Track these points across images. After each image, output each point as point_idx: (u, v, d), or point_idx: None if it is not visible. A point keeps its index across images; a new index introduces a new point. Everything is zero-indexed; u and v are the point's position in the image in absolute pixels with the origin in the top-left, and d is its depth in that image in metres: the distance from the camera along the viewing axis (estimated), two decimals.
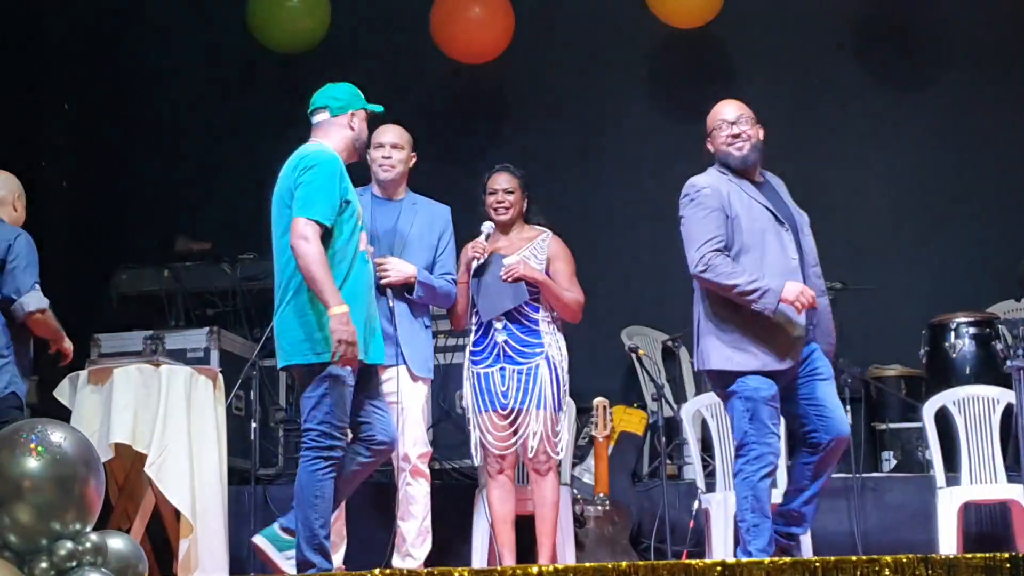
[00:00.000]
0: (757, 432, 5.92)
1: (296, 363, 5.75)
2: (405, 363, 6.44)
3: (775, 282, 5.90)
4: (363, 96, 6.04)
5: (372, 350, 5.82)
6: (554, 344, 6.72)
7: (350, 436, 5.85)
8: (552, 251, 6.82)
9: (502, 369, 6.66)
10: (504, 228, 6.86)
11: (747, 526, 5.92)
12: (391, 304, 6.48)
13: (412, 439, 6.57)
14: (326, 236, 5.68)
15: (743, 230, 6.01)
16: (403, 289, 6.55)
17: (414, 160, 6.80)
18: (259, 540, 5.89)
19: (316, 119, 6.00)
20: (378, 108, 6.10)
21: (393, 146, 6.72)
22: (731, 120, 6.16)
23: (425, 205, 6.80)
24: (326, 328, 5.63)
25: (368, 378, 5.87)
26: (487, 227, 6.79)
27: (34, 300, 6.29)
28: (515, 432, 6.66)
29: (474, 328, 6.79)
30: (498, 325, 6.68)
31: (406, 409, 6.47)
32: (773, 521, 5.96)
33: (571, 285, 6.80)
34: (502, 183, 6.85)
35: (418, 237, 6.69)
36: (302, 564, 5.68)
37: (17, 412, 6.24)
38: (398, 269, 6.54)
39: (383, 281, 6.47)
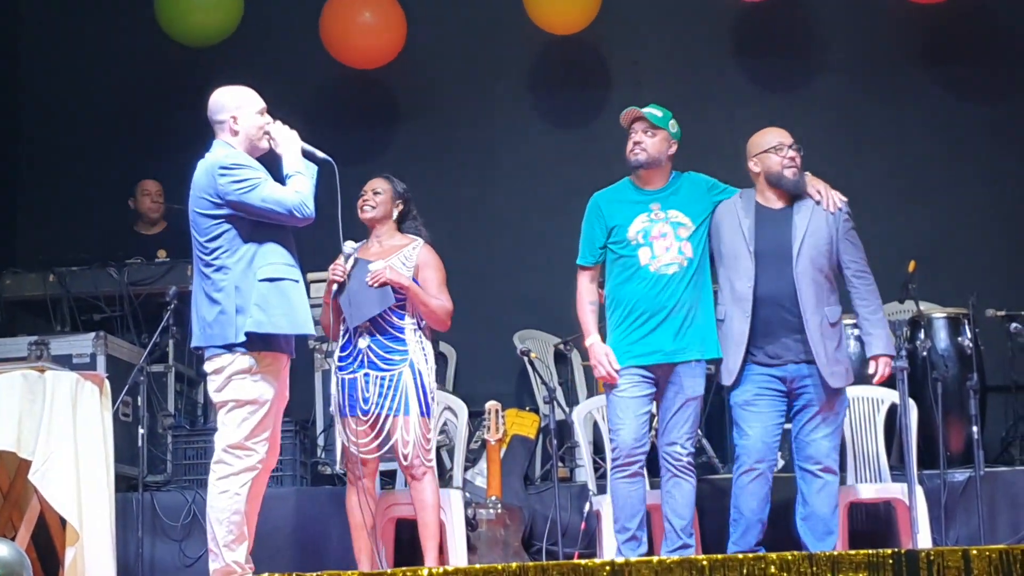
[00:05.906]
0: None
1: None
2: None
3: None
4: None
5: None
6: (419, 351, 6.70)
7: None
8: (421, 259, 6.80)
9: (366, 375, 6.64)
10: (377, 233, 6.87)
11: None
12: None
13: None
14: None
15: None
16: None
17: None
18: None
19: None
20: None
21: None
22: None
23: None
24: None
25: None
26: (347, 247, 6.70)
27: None
28: (378, 438, 6.65)
29: (342, 333, 6.77)
30: (362, 333, 6.67)
31: None
32: None
33: (440, 293, 6.78)
34: (373, 184, 6.92)
35: None
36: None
37: None
38: None
39: None
